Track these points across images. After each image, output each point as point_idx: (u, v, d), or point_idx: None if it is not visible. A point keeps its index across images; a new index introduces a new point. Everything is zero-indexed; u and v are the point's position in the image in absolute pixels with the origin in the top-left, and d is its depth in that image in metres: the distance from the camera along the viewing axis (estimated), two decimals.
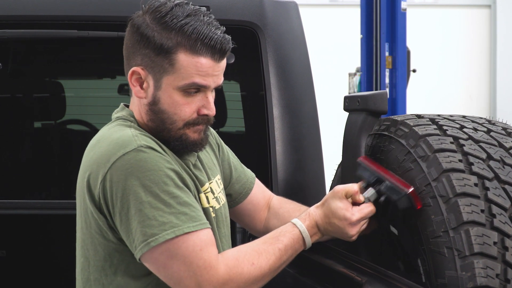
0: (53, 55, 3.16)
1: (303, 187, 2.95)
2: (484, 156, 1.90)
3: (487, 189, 1.82)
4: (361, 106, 2.18)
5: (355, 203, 2.00)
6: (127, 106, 2.04)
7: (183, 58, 1.86)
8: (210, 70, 1.90)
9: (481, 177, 1.84)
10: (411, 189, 1.89)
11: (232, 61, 2.98)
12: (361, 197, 2.00)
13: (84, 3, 2.87)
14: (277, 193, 2.89)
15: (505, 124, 2.11)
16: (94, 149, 1.89)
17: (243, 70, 3.10)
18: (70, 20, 2.83)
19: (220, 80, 1.95)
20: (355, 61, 8.28)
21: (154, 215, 1.78)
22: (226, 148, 2.31)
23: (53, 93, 3.32)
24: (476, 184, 1.83)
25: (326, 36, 11.34)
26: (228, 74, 3.23)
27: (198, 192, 1.98)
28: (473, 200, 1.80)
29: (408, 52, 7.58)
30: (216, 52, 1.89)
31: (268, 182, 2.91)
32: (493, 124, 2.08)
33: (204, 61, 1.88)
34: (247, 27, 2.92)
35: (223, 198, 2.15)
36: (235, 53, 2.98)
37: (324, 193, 2.99)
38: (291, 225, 1.99)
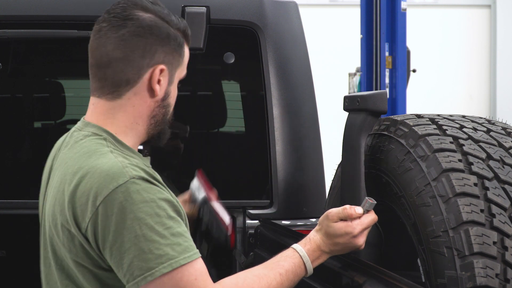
0: (53, 55, 3.16)
1: (303, 187, 2.95)
2: (483, 156, 1.90)
3: (486, 188, 1.82)
4: (361, 106, 2.18)
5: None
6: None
7: (186, 51, 1.95)
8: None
9: (480, 176, 1.84)
10: (229, 232, 1.99)
11: (232, 61, 2.98)
12: (358, 210, 1.97)
13: (84, 3, 2.87)
14: (277, 193, 2.89)
15: (505, 124, 2.11)
16: (83, 179, 1.80)
17: (243, 70, 3.10)
18: (70, 20, 2.83)
19: None
20: (355, 61, 8.28)
21: (150, 248, 1.74)
22: None
23: (53, 93, 3.31)
24: (475, 184, 1.83)
25: (326, 36, 11.34)
26: (228, 74, 3.25)
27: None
28: (473, 200, 1.80)
29: (408, 52, 7.58)
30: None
31: (268, 182, 2.91)
32: (493, 124, 2.08)
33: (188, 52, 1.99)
34: (247, 27, 2.92)
35: None
36: (235, 53, 2.99)
37: (324, 193, 2.99)
38: (292, 250, 1.96)
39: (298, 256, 1.95)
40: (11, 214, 3.06)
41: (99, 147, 1.85)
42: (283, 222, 2.88)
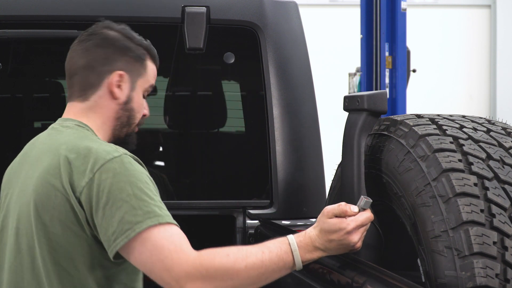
0: (53, 55, 3.16)
1: (303, 187, 2.95)
2: (483, 156, 1.90)
3: (486, 189, 1.82)
4: (360, 106, 2.18)
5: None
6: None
7: (149, 65, 2.24)
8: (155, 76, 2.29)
9: (480, 176, 1.84)
10: None
11: (232, 61, 2.98)
12: (354, 209, 1.98)
13: (84, 3, 2.87)
14: (277, 193, 2.89)
15: (505, 124, 2.11)
16: (80, 154, 2.03)
17: (243, 70, 3.10)
18: (70, 20, 2.84)
19: None
20: (355, 61, 8.28)
21: (140, 206, 1.94)
22: None
23: (53, 93, 3.32)
24: (475, 184, 1.83)
25: (326, 36, 11.34)
26: (228, 74, 3.25)
27: None
28: (473, 200, 1.80)
29: (408, 52, 7.58)
30: (157, 64, 2.29)
31: (268, 182, 2.91)
32: (493, 124, 2.08)
33: (155, 69, 2.28)
34: (247, 27, 2.92)
35: None
36: (235, 53, 2.99)
37: (324, 193, 2.99)
38: (283, 237, 1.99)
39: (287, 243, 1.97)
40: None
41: (88, 134, 2.13)
42: (283, 222, 2.88)
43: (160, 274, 1.91)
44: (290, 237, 1.99)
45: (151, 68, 2.24)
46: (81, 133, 2.12)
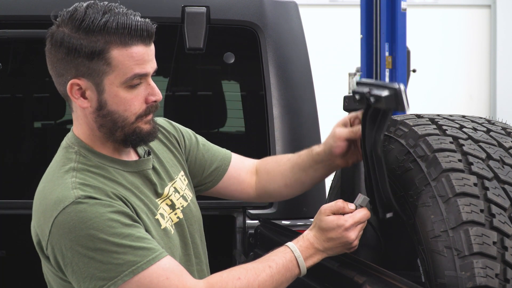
0: None
1: None
2: (483, 156, 1.90)
3: (486, 189, 1.82)
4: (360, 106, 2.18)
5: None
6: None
7: (117, 54, 1.84)
8: (146, 56, 1.88)
9: (480, 177, 1.84)
10: (400, 86, 1.83)
11: (232, 61, 2.98)
12: (351, 206, 1.98)
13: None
14: None
15: (505, 124, 2.10)
16: (40, 196, 1.89)
17: (243, 70, 3.10)
18: None
19: (155, 63, 1.93)
20: (355, 61, 8.28)
21: (108, 260, 1.77)
22: (188, 133, 2.28)
23: (53, 93, 3.32)
24: (475, 184, 1.82)
25: (326, 36, 11.35)
26: (228, 74, 3.25)
27: (153, 214, 1.97)
28: (473, 200, 1.80)
29: (408, 52, 7.58)
30: (145, 37, 1.87)
31: None
32: (493, 124, 2.08)
33: (137, 50, 1.86)
34: (247, 27, 2.92)
35: (189, 194, 2.14)
36: (235, 53, 2.99)
37: (324, 193, 2.99)
38: (284, 247, 1.97)
39: (289, 251, 1.95)
40: (11, 214, 3.06)
41: (66, 162, 1.91)
42: (283, 222, 2.88)
43: None
44: (291, 244, 1.97)
45: (121, 56, 1.85)
46: (61, 160, 1.93)
